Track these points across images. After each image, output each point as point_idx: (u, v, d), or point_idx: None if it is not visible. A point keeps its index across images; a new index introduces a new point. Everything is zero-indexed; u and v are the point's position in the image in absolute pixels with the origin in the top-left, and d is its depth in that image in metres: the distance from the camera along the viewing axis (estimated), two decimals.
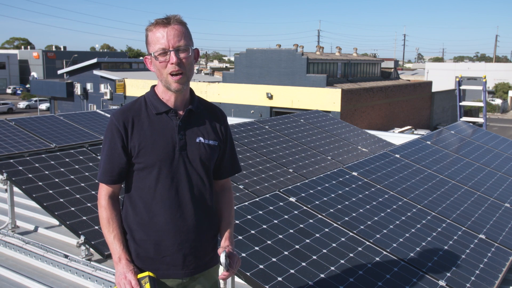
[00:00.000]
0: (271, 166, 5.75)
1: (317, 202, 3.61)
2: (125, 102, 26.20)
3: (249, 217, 3.18)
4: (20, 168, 4.16)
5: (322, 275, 2.78)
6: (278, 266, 2.76)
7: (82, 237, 3.60)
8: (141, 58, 56.86)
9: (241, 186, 5.06)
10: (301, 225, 3.24)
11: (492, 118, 45.96)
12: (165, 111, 2.06)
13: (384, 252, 3.18)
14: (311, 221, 3.32)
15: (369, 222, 3.52)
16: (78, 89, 39.07)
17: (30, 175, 4.12)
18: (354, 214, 3.58)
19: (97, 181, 2.09)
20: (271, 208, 3.36)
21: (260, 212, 3.28)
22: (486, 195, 4.68)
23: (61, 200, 3.93)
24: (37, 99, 48.88)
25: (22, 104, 48.96)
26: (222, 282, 3.06)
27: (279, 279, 2.66)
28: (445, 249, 3.43)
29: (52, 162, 4.42)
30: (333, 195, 3.79)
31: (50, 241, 4.08)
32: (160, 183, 2.03)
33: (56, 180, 4.17)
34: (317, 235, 3.17)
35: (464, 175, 5.06)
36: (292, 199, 3.55)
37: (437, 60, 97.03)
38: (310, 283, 2.69)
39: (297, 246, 3.00)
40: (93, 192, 4.17)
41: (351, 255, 3.05)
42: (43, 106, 46.94)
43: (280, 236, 3.06)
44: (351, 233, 3.31)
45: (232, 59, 71.21)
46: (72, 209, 3.87)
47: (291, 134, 6.94)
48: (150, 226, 2.04)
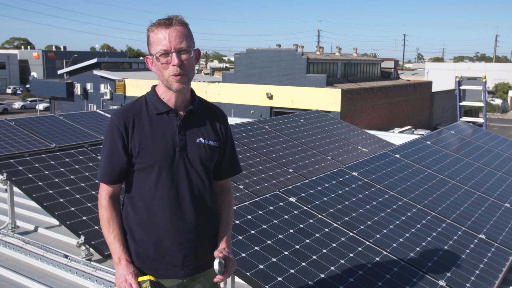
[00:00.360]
0: (271, 166, 5.75)
1: (317, 202, 3.61)
2: (125, 102, 26.21)
3: (249, 217, 3.18)
4: (20, 168, 4.16)
5: (322, 275, 2.78)
6: (278, 266, 2.76)
7: (82, 237, 3.60)
8: (141, 58, 56.92)
9: (241, 186, 5.06)
10: (301, 225, 3.24)
11: (492, 118, 45.96)
12: (166, 111, 2.06)
13: (384, 252, 3.18)
14: (311, 221, 3.32)
15: (369, 222, 3.52)
16: (78, 89, 39.08)
17: (30, 175, 4.12)
18: (354, 214, 3.58)
19: (97, 181, 2.09)
20: (271, 208, 3.36)
21: (260, 212, 3.28)
22: (486, 195, 4.68)
23: (61, 200, 3.93)
24: (33, 99, 48.72)
25: (18, 104, 48.30)
26: (222, 283, 3.06)
27: (279, 279, 2.66)
28: (445, 249, 3.43)
29: (52, 162, 4.42)
30: (333, 195, 3.79)
31: (50, 241, 4.08)
32: (160, 184, 2.03)
33: (56, 180, 4.17)
34: (317, 235, 3.17)
35: (464, 175, 5.06)
36: (292, 199, 3.55)
37: (437, 60, 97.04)
38: (310, 283, 2.69)
39: (297, 246, 3.00)
40: (93, 192, 4.17)
41: (351, 255, 3.05)
42: (41, 106, 46.71)
43: (280, 236, 3.06)
44: (351, 233, 3.31)
45: (232, 59, 71.22)
46: (72, 209, 3.87)
47: (291, 134, 6.94)
48: (150, 226, 2.04)
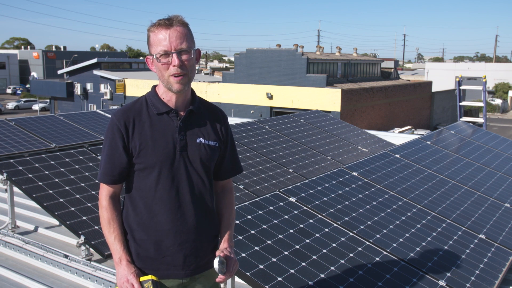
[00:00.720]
0: (271, 166, 5.75)
1: (317, 202, 3.61)
2: (125, 102, 26.21)
3: (249, 217, 3.18)
4: (20, 168, 4.16)
5: (322, 275, 2.78)
6: (278, 266, 2.76)
7: (82, 237, 3.60)
8: (141, 58, 56.91)
9: (241, 186, 5.06)
10: (301, 225, 3.24)
11: (492, 118, 45.96)
12: (166, 112, 2.06)
13: (384, 252, 3.18)
14: (311, 221, 3.32)
15: (369, 222, 3.52)
16: (78, 89, 39.08)
17: (30, 175, 4.12)
18: (354, 214, 3.58)
19: (98, 181, 2.09)
20: (271, 208, 3.36)
21: (260, 212, 3.28)
22: (486, 195, 4.68)
23: (61, 200, 3.93)
24: (27, 99, 48.51)
25: (11, 105, 47.51)
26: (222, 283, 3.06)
27: (279, 279, 2.66)
28: (445, 249, 3.43)
29: (52, 162, 4.42)
30: (333, 195, 3.79)
31: (50, 241, 4.08)
32: (161, 184, 2.03)
33: (56, 180, 4.17)
34: (317, 235, 3.17)
35: (464, 175, 5.06)
36: (292, 199, 3.55)
37: (437, 60, 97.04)
38: (310, 283, 2.69)
39: (297, 246, 3.00)
40: (93, 192, 4.17)
41: (351, 255, 3.05)
42: (37, 107, 46.53)
43: (280, 236, 3.06)
44: (351, 233, 3.31)
45: (232, 59, 71.21)
46: (72, 209, 3.87)
47: (291, 134, 6.94)
48: (151, 226, 2.04)
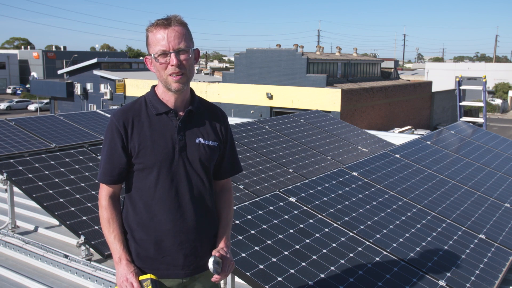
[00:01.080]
0: (271, 166, 5.75)
1: (317, 202, 3.61)
2: (125, 102, 26.21)
3: (249, 217, 3.18)
4: (20, 168, 4.16)
5: (322, 275, 2.78)
6: (278, 266, 2.76)
7: (82, 237, 3.60)
8: (141, 58, 56.84)
9: (241, 186, 5.06)
10: (301, 225, 3.24)
11: (492, 118, 45.96)
12: (165, 112, 2.06)
13: (384, 252, 3.18)
14: (311, 221, 3.32)
15: (369, 222, 3.52)
16: (78, 89, 39.07)
17: (30, 175, 4.12)
18: (354, 214, 3.58)
19: (97, 181, 2.11)
20: (271, 208, 3.36)
21: (260, 212, 3.28)
22: (486, 195, 4.68)
23: (61, 200, 3.93)
24: (19, 100, 48.34)
25: (3, 105, 46.59)
26: (222, 282, 3.06)
27: (279, 279, 2.66)
28: (445, 249, 3.43)
29: (52, 162, 4.42)
30: (333, 195, 3.79)
31: (50, 241, 4.08)
32: (160, 184, 2.03)
33: (56, 180, 4.17)
34: (317, 235, 3.17)
35: (464, 175, 5.06)
36: (292, 199, 3.55)
37: (437, 60, 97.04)
38: (310, 283, 2.69)
39: (297, 246, 3.00)
40: (93, 192, 4.17)
41: (351, 255, 3.05)
42: (32, 107, 46.35)
43: (280, 236, 3.06)
44: (351, 233, 3.31)
45: (232, 59, 71.19)
46: (72, 209, 3.86)
47: (291, 134, 6.94)
48: (150, 226, 2.04)
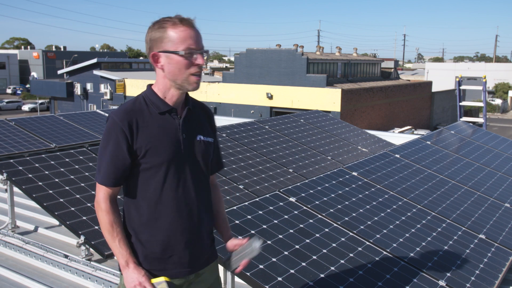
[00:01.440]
0: (271, 166, 5.75)
1: (317, 202, 3.61)
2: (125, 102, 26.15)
3: (249, 217, 3.18)
4: (20, 168, 4.16)
5: (322, 275, 2.78)
6: (278, 266, 2.76)
7: (82, 237, 3.60)
8: (141, 58, 56.78)
9: (241, 186, 5.06)
10: (301, 225, 3.24)
11: (492, 118, 45.96)
12: (167, 111, 2.05)
13: (384, 252, 3.18)
14: (311, 221, 3.32)
15: (369, 222, 3.52)
16: (78, 89, 39.08)
17: (30, 175, 4.12)
18: (354, 214, 3.58)
19: (99, 184, 2.03)
20: (271, 208, 3.36)
21: (260, 212, 3.28)
22: (486, 195, 4.68)
23: (61, 200, 3.93)
24: (10, 100, 48.12)
25: None
26: (222, 282, 3.06)
27: (279, 279, 2.66)
28: (445, 249, 3.43)
29: (52, 162, 4.42)
30: (333, 195, 3.79)
31: (50, 241, 4.08)
32: (167, 183, 2.02)
33: (56, 180, 4.17)
34: (317, 235, 3.17)
35: (464, 175, 5.06)
36: (292, 199, 3.55)
37: (437, 60, 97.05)
38: (310, 283, 2.69)
39: (297, 246, 3.00)
40: (93, 192, 4.17)
41: (351, 255, 3.05)
42: (26, 107, 46.19)
43: (280, 236, 3.06)
44: (351, 233, 3.31)
45: (232, 59, 71.13)
46: (72, 209, 3.87)
47: (291, 134, 6.94)
48: (156, 226, 2.03)
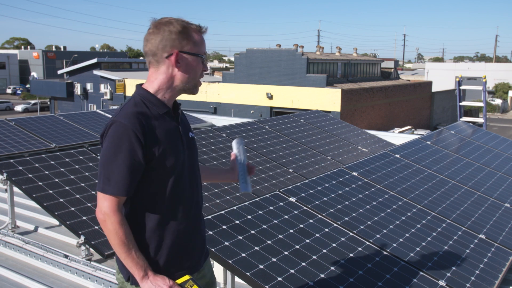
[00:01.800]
0: (271, 166, 5.75)
1: (317, 202, 3.61)
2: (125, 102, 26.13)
3: (249, 217, 3.18)
4: (20, 168, 4.16)
5: (322, 275, 2.78)
6: (278, 266, 2.76)
7: (82, 237, 3.60)
8: (141, 58, 56.60)
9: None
10: (301, 225, 3.24)
11: (492, 118, 45.96)
12: (166, 112, 2.03)
13: (384, 252, 3.18)
14: (311, 221, 3.32)
15: (369, 222, 3.52)
16: (78, 89, 39.06)
17: (30, 175, 4.12)
18: (354, 214, 3.58)
19: (108, 194, 1.87)
20: (271, 208, 3.36)
21: (260, 212, 3.28)
22: (486, 195, 4.68)
23: (61, 200, 3.93)
24: (2, 101, 48.13)
25: None
26: (222, 282, 3.07)
27: (279, 279, 2.65)
28: (445, 249, 3.43)
29: (52, 162, 4.42)
30: (333, 195, 3.79)
31: (50, 241, 4.08)
32: (178, 185, 2.00)
33: (56, 180, 4.17)
34: (317, 235, 3.17)
35: (464, 175, 5.06)
36: (292, 199, 3.55)
37: (437, 60, 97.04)
38: (310, 283, 2.69)
39: (297, 246, 3.00)
40: (93, 192, 4.17)
41: (351, 255, 3.05)
42: (19, 108, 46.05)
43: (280, 236, 3.06)
44: (351, 233, 3.31)
45: (232, 59, 71.12)
46: (72, 209, 3.86)
47: (291, 134, 6.94)
48: (167, 229, 1.99)
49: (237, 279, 3.03)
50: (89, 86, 39.22)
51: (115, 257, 2.05)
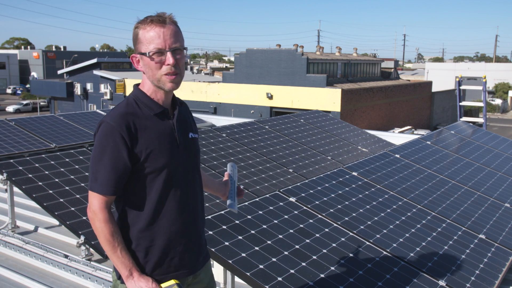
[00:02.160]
0: (271, 166, 5.75)
1: (317, 202, 3.61)
2: None
3: (249, 217, 3.18)
4: (20, 168, 4.16)
5: (322, 275, 2.78)
6: (278, 266, 2.76)
7: (82, 237, 3.60)
8: None
9: (241, 186, 5.05)
10: (301, 225, 3.24)
11: (492, 118, 45.96)
12: (160, 112, 2.01)
13: (384, 252, 3.18)
14: (311, 221, 3.32)
15: (369, 222, 3.52)
16: (78, 89, 39.07)
17: (30, 175, 4.12)
18: (354, 214, 3.58)
19: (95, 193, 1.91)
20: (271, 208, 3.36)
21: (260, 212, 3.28)
22: (486, 195, 4.68)
23: (61, 200, 3.93)
24: None
25: None
26: (222, 282, 3.06)
27: (279, 279, 2.65)
28: (445, 249, 3.43)
29: (52, 162, 4.42)
30: (333, 195, 3.79)
31: (50, 241, 4.08)
32: (169, 186, 1.99)
33: (56, 180, 4.17)
34: (317, 235, 3.17)
35: (464, 175, 5.06)
36: (292, 199, 3.55)
37: (437, 60, 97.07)
38: (310, 283, 2.69)
39: (297, 246, 3.00)
40: None
41: (351, 255, 3.05)
42: (10, 108, 45.88)
43: (280, 236, 3.06)
44: (351, 233, 3.31)
45: (232, 59, 71.13)
46: (72, 209, 3.87)
47: (291, 134, 6.94)
48: (157, 231, 1.99)
49: (237, 279, 3.03)
50: (89, 86, 39.23)
51: None
